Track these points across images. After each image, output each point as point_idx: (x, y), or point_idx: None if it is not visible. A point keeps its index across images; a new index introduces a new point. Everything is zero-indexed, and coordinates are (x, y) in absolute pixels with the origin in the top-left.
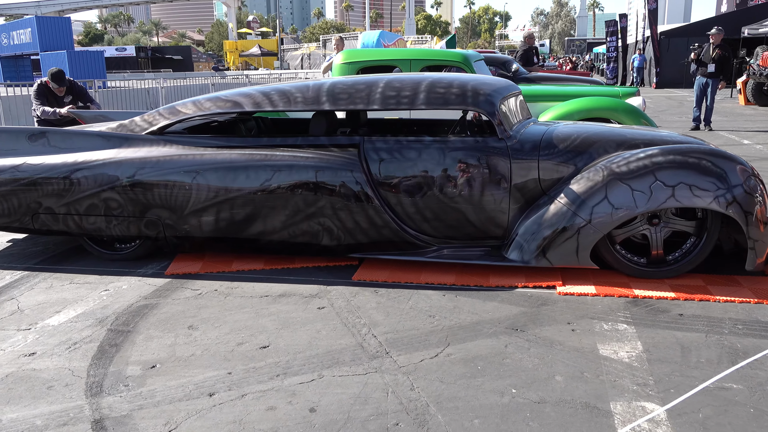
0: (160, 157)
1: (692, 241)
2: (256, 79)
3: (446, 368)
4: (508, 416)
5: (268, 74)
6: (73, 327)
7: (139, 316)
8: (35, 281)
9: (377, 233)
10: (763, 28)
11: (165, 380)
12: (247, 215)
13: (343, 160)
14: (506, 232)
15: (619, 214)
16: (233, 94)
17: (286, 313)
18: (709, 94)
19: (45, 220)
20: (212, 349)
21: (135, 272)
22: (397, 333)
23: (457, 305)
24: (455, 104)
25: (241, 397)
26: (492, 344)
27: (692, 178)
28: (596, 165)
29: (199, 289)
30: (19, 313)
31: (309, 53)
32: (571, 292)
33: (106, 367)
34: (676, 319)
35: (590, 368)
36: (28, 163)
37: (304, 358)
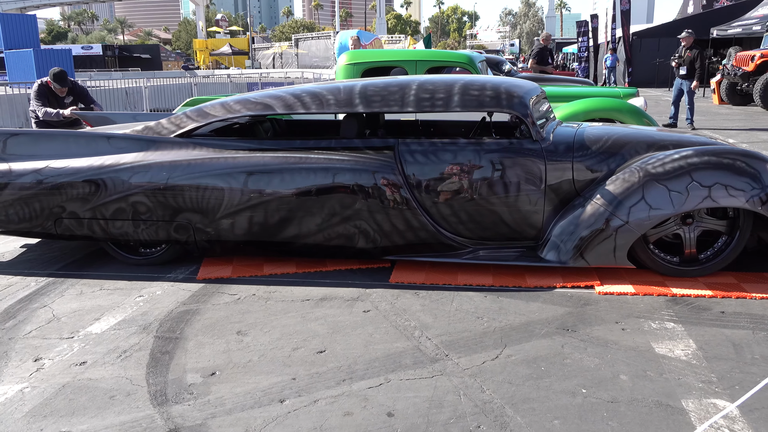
0: (191, 160)
1: (724, 240)
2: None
3: (510, 369)
4: (586, 416)
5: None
6: (117, 335)
7: (183, 322)
8: (63, 288)
9: (414, 235)
10: (731, 29)
11: (230, 387)
12: (281, 218)
13: (380, 162)
14: (540, 232)
15: (656, 215)
16: (263, 96)
17: (333, 317)
18: (686, 96)
19: (69, 224)
20: (269, 355)
21: (165, 277)
22: (450, 335)
23: (502, 306)
24: (490, 106)
25: (314, 403)
26: (548, 345)
27: (727, 178)
28: (630, 166)
29: (237, 293)
30: (56, 321)
31: (281, 52)
32: (610, 291)
33: (164, 375)
34: (719, 317)
35: (651, 367)
36: (52, 167)
37: (365, 362)
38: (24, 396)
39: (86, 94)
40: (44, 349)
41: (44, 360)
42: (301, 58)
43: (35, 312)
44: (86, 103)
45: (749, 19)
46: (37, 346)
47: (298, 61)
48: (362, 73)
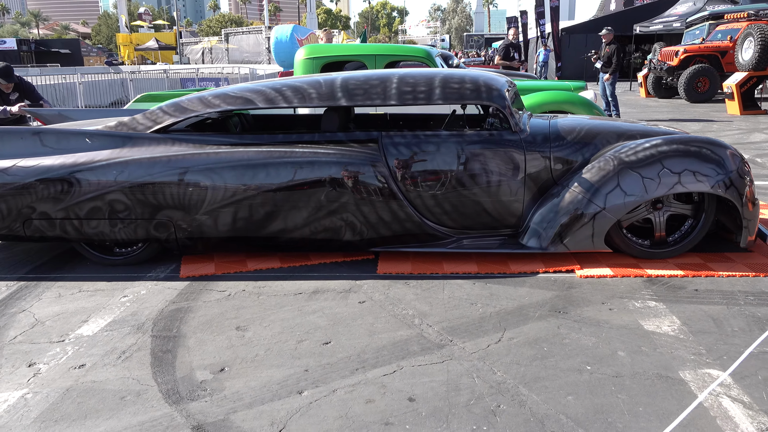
0: (171, 156)
1: (690, 223)
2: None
3: (515, 351)
4: (596, 391)
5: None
6: (111, 336)
7: (177, 320)
8: (38, 291)
9: (400, 226)
10: (653, 26)
11: (243, 382)
12: (266, 213)
13: (365, 155)
14: (520, 220)
15: (631, 200)
16: (242, 91)
17: (330, 308)
18: (607, 88)
19: (39, 226)
20: (275, 349)
21: (145, 276)
22: (449, 322)
23: (492, 292)
24: (470, 99)
25: (333, 392)
26: (545, 327)
27: (695, 165)
28: (604, 155)
29: (226, 290)
30: (41, 325)
31: (211, 47)
32: (591, 275)
33: (171, 373)
34: (694, 294)
35: (644, 343)
36: (20, 166)
37: (373, 351)
38: (27, 402)
39: (33, 90)
40: (36, 354)
41: (39, 365)
42: (232, 53)
43: (15, 317)
44: (33, 99)
45: (669, 17)
46: (27, 351)
47: (228, 57)
48: (321, 67)
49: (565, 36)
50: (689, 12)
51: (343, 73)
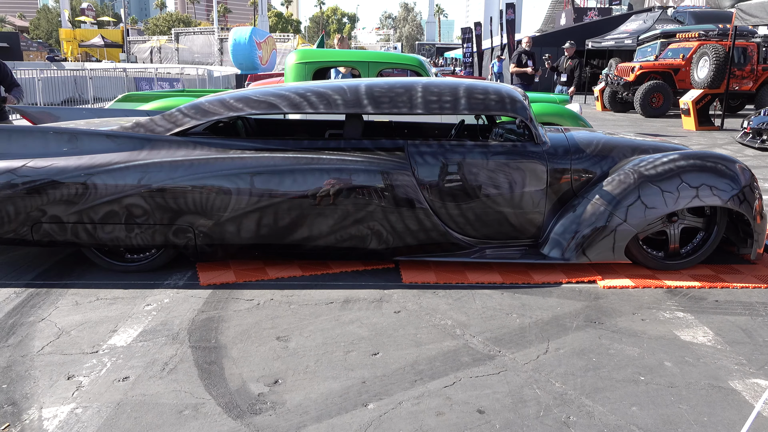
0: (194, 160)
1: (702, 236)
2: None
3: (566, 362)
4: (657, 401)
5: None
6: (147, 347)
7: (212, 330)
8: (52, 299)
9: (426, 236)
10: (605, 41)
11: (303, 394)
12: (292, 220)
13: (394, 163)
14: (540, 231)
15: (652, 213)
16: (265, 95)
17: (366, 318)
18: None
19: (49, 230)
20: (324, 360)
21: (163, 284)
22: (491, 332)
23: (523, 303)
24: (495, 110)
25: (399, 405)
26: (586, 337)
27: (712, 179)
28: (623, 168)
29: (253, 299)
30: (66, 335)
31: (159, 46)
32: (613, 285)
33: (223, 386)
34: (716, 305)
35: (686, 353)
36: (31, 167)
37: (426, 362)
38: (80, 418)
39: (8, 75)
40: (71, 366)
41: (78, 377)
42: (182, 53)
43: (35, 326)
44: (7, 84)
45: (621, 33)
46: (61, 362)
47: (178, 57)
48: (313, 73)
49: None
50: (640, 30)
51: (365, 80)
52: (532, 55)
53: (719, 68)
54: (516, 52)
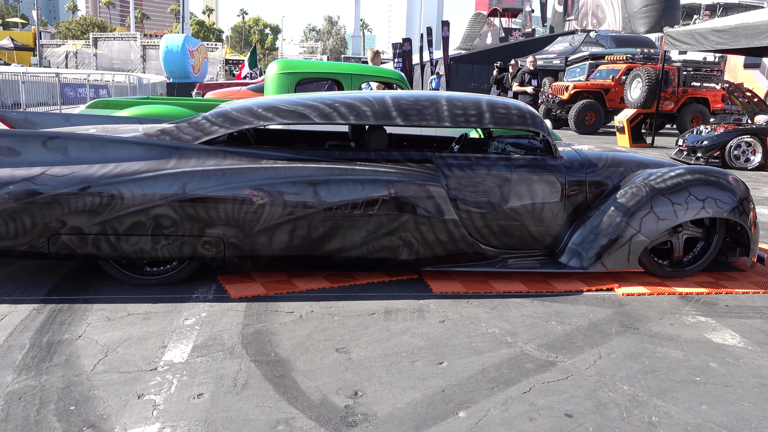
0: (227, 170)
1: (701, 246)
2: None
3: (623, 366)
4: (721, 399)
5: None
6: (207, 362)
7: (266, 343)
8: (79, 315)
9: (454, 246)
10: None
11: (390, 405)
12: (325, 231)
13: (425, 174)
14: (556, 241)
15: (663, 224)
16: (294, 104)
17: (416, 329)
18: None
19: (68, 241)
20: (393, 370)
21: (191, 297)
22: (540, 339)
23: (556, 310)
24: (518, 124)
25: (489, 411)
26: (630, 342)
27: (716, 192)
28: (634, 182)
29: (292, 311)
30: (114, 353)
31: (76, 51)
32: (631, 293)
33: (305, 399)
34: (729, 310)
35: (725, 355)
36: (50, 175)
37: (493, 369)
38: None
39: None
40: (135, 385)
41: (149, 396)
42: (100, 59)
43: (74, 344)
44: None
45: (549, 53)
46: (122, 381)
47: (96, 62)
48: (296, 84)
49: (454, 65)
50: (567, 51)
51: (388, 93)
52: (536, 74)
53: (651, 89)
54: (521, 72)
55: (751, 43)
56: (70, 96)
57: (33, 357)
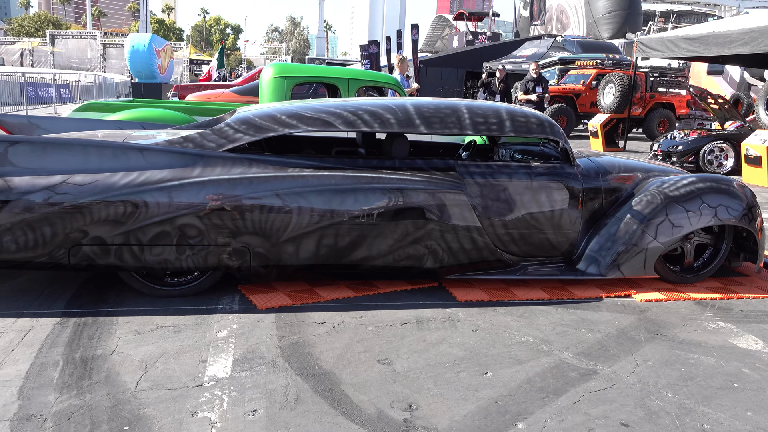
0: (253, 178)
1: (710, 252)
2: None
3: (662, 373)
4: (763, 404)
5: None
6: (252, 377)
7: (306, 356)
8: (106, 329)
9: (478, 254)
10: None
11: (448, 417)
12: (352, 240)
13: (450, 183)
14: (573, 248)
15: (678, 231)
16: (317, 111)
17: (451, 338)
18: None
19: (89, 252)
20: (440, 381)
21: (216, 309)
22: (575, 347)
23: (582, 318)
24: (537, 133)
25: (546, 422)
26: (661, 349)
27: (727, 200)
28: (647, 190)
29: (324, 321)
30: (154, 369)
31: (32, 48)
32: (648, 299)
33: (361, 414)
34: (744, 315)
35: (754, 360)
36: (72, 184)
37: (538, 379)
38: None
39: None
40: (185, 402)
41: (203, 414)
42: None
43: (110, 359)
44: None
45: (517, 58)
46: (171, 398)
47: (54, 61)
48: (293, 87)
49: (423, 68)
50: (536, 55)
51: (409, 100)
52: (540, 81)
53: (624, 95)
54: (524, 80)
55: (722, 51)
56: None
57: (70, 374)
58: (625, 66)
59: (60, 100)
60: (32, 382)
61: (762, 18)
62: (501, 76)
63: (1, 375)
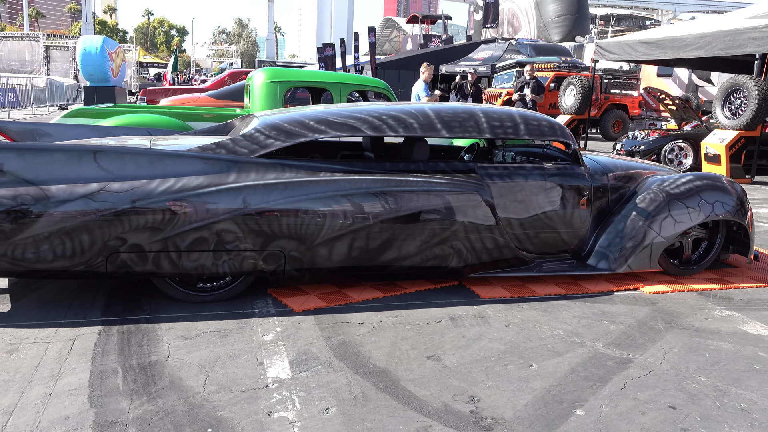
0: (288, 183)
1: (705, 245)
2: None
3: (690, 359)
4: None
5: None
6: (313, 377)
7: (357, 355)
8: (151, 336)
9: (499, 253)
10: (458, 67)
11: (511, 407)
12: (383, 242)
13: (473, 184)
14: (583, 244)
15: (680, 227)
16: (344, 117)
17: (488, 333)
18: None
19: (127, 260)
20: (492, 374)
21: (254, 313)
22: (604, 338)
23: (601, 311)
24: (550, 136)
25: (602, 408)
26: (681, 337)
27: (722, 196)
28: (649, 188)
29: (363, 321)
30: (215, 374)
31: None
32: (656, 291)
33: (428, 408)
34: (746, 304)
35: (765, 344)
36: (111, 191)
37: (581, 368)
38: None
39: None
40: (258, 403)
41: (280, 414)
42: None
43: (167, 365)
44: None
45: (474, 60)
46: (244, 400)
47: None
48: (286, 92)
49: (381, 70)
50: (492, 57)
51: (427, 104)
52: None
53: (585, 96)
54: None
55: (677, 54)
56: None
57: (134, 381)
58: (581, 69)
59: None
60: (98, 389)
61: (715, 24)
62: (473, 79)
63: (65, 384)
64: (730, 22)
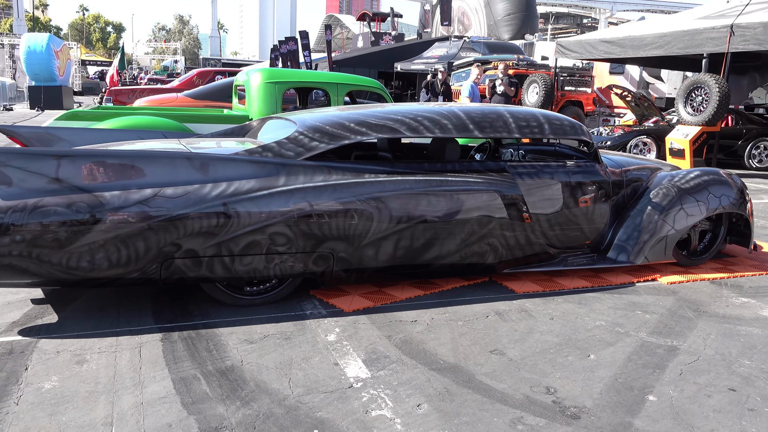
0: (336, 185)
1: (710, 236)
2: None
3: (729, 344)
4: None
5: None
6: (392, 374)
7: (423, 351)
8: (217, 341)
9: (531, 248)
10: (414, 65)
11: (588, 396)
12: (426, 241)
13: (507, 183)
14: (602, 238)
15: (692, 220)
16: (382, 119)
17: (536, 327)
18: None
19: (182, 265)
20: (557, 365)
21: (306, 315)
22: (644, 328)
23: (631, 302)
24: (572, 135)
25: (669, 392)
26: (713, 324)
27: (727, 190)
28: (661, 183)
29: (415, 320)
30: (294, 375)
31: None
32: (673, 281)
33: (512, 399)
34: (756, 291)
35: None
36: (166, 197)
37: (636, 356)
38: None
39: None
40: (350, 402)
41: (376, 412)
42: None
43: (244, 369)
44: None
45: (429, 58)
46: (336, 400)
47: None
48: (284, 92)
49: (336, 68)
50: (447, 56)
51: (456, 106)
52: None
53: (548, 94)
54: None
55: (637, 53)
56: None
57: (220, 386)
58: (538, 66)
59: None
60: (187, 396)
61: (674, 23)
62: (443, 78)
63: (152, 392)
64: (685, 23)
